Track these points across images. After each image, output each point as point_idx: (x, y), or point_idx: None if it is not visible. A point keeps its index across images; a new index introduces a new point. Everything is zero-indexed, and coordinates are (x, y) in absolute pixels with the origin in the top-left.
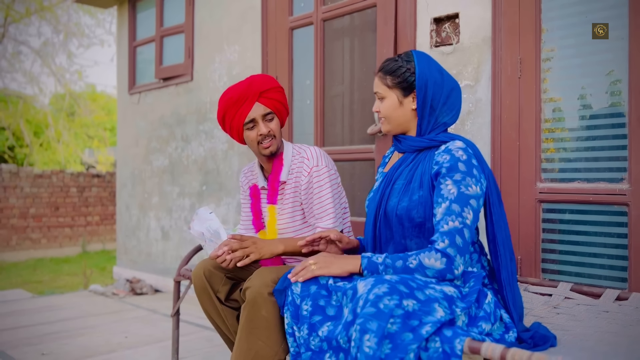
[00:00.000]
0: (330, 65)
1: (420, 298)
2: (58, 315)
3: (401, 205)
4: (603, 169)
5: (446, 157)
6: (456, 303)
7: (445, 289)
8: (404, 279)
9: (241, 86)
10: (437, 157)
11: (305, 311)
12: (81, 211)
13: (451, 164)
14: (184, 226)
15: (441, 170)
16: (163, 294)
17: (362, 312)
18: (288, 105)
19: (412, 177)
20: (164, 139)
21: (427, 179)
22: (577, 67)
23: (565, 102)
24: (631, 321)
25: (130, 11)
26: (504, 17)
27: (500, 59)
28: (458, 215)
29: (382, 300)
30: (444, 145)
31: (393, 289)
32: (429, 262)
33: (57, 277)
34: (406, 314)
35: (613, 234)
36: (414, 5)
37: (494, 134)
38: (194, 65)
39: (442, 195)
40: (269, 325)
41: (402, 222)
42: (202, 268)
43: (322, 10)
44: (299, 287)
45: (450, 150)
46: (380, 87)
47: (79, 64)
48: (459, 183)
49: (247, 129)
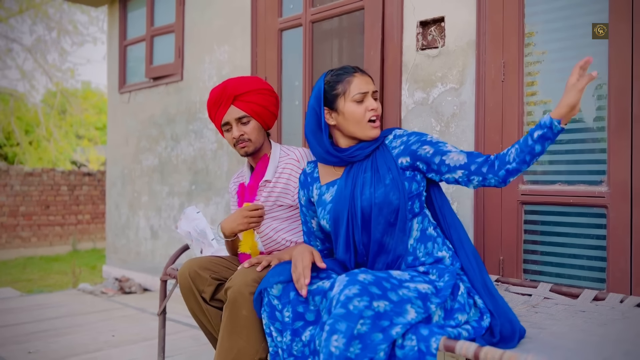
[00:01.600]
0: (318, 67)
1: (393, 299)
2: (46, 313)
3: (378, 192)
4: (583, 172)
5: (403, 138)
6: (431, 299)
7: (419, 287)
8: (378, 279)
9: (217, 89)
10: (391, 145)
11: (287, 318)
12: (72, 209)
13: (416, 136)
14: (173, 225)
15: (411, 146)
16: (152, 292)
17: (333, 313)
18: (277, 105)
19: (377, 167)
20: (154, 138)
21: (392, 163)
22: (559, 71)
23: (548, 105)
24: (606, 320)
25: (121, 10)
26: (488, 22)
27: (485, 63)
28: (455, 147)
29: (351, 302)
30: (390, 135)
31: (364, 290)
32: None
33: (47, 276)
34: (377, 315)
35: (592, 236)
36: (400, 9)
37: (478, 137)
38: (184, 65)
39: (437, 143)
40: (250, 324)
41: (381, 210)
42: (187, 268)
43: (310, 12)
44: (277, 289)
45: (401, 134)
46: (375, 86)
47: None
48: (432, 139)
49: (224, 130)
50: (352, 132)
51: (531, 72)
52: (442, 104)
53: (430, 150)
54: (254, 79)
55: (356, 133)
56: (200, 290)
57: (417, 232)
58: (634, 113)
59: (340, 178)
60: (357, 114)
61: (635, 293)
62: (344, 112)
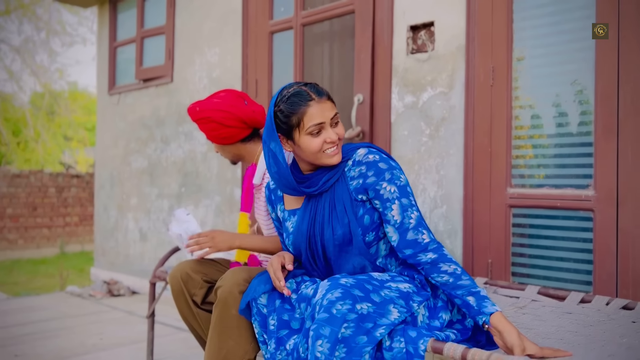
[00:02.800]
0: (309, 69)
1: (376, 300)
2: (33, 316)
3: (336, 234)
4: (570, 176)
5: (361, 168)
6: (413, 298)
7: (400, 286)
8: (360, 282)
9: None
10: (349, 173)
11: (272, 326)
12: (60, 212)
13: (374, 170)
14: (163, 228)
15: (367, 181)
16: (140, 295)
17: (317, 319)
18: (231, 118)
19: (335, 204)
20: (143, 140)
21: (349, 201)
22: (547, 76)
23: (536, 110)
24: (591, 322)
25: (111, 11)
26: (477, 27)
27: (474, 67)
28: (411, 207)
29: (334, 306)
30: (350, 160)
31: (346, 294)
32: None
33: (34, 279)
34: (360, 317)
35: (579, 239)
36: (391, 13)
37: (467, 140)
38: (174, 67)
39: (387, 199)
40: (240, 325)
41: (342, 247)
42: (179, 271)
43: (301, 15)
44: (264, 298)
45: (361, 161)
46: (335, 109)
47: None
48: (392, 180)
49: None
50: (311, 161)
51: (519, 77)
52: (432, 108)
53: (378, 206)
54: (204, 104)
55: (315, 162)
56: (192, 294)
57: (385, 250)
58: (619, 118)
59: (299, 209)
60: (314, 147)
61: (621, 295)
62: (300, 145)
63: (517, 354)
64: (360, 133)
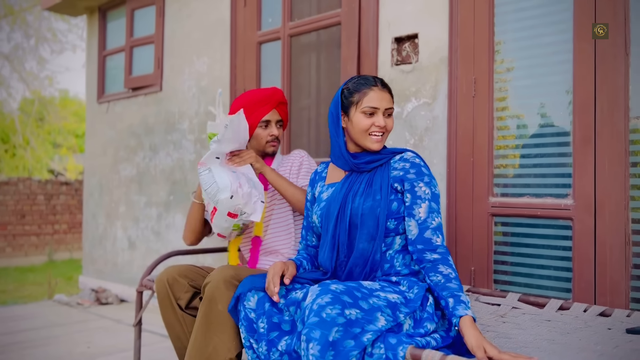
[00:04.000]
0: (297, 79)
1: (364, 307)
2: (20, 325)
3: (366, 204)
4: (550, 185)
5: (406, 164)
6: (400, 309)
7: (389, 296)
8: (349, 288)
9: (267, 92)
10: (394, 164)
11: (262, 329)
12: (48, 219)
13: (417, 170)
14: (151, 236)
15: (408, 176)
16: (129, 303)
17: (307, 322)
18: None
19: (372, 182)
20: (132, 148)
21: (386, 183)
22: (527, 87)
23: (517, 120)
24: (569, 329)
25: (101, 20)
26: (460, 39)
27: (456, 78)
28: (437, 212)
29: (324, 310)
30: (398, 155)
31: (336, 299)
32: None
33: (22, 287)
34: (349, 322)
35: (559, 247)
36: (376, 25)
37: (450, 150)
38: (163, 76)
39: (419, 197)
40: (225, 320)
41: (366, 219)
42: (166, 274)
43: (289, 26)
44: (253, 302)
45: (408, 159)
46: (391, 103)
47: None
48: (429, 185)
49: (262, 127)
50: (356, 140)
51: (501, 88)
52: (416, 118)
53: (407, 201)
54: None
55: (359, 141)
56: (177, 297)
57: (399, 245)
58: (597, 129)
59: (339, 182)
60: (363, 125)
61: (599, 302)
62: (352, 120)
63: (477, 355)
64: None
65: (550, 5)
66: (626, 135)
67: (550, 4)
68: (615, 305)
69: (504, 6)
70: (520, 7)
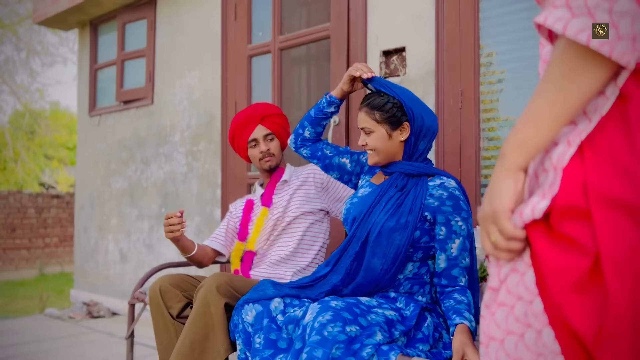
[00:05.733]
0: (287, 92)
1: (363, 324)
2: (11, 339)
3: (387, 224)
4: None
5: (443, 194)
6: (396, 326)
7: (387, 313)
8: (349, 305)
9: (246, 111)
10: (432, 190)
11: (257, 344)
12: (39, 232)
13: (454, 203)
14: (143, 248)
15: (443, 208)
16: (121, 316)
17: (309, 341)
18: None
19: (403, 202)
20: (124, 161)
21: (418, 207)
22: (514, 99)
23: (503, 130)
24: None
25: (92, 34)
26: (446, 52)
27: (443, 91)
28: (469, 252)
29: (325, 328)
30: (438, 180)
31: (336, 316)
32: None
33: (12, 301)
34: (349, 339)
35: None
36: (364, 39)
37: (438, 161)
38: (155, 89)
39: (454, 232)
40: (215, 324)
41: (380, 240)
42: (159, 283)
43: (279, 39)
44: (250, 316)
45: (447, 187)
46: (368, 122)
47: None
48: (466, 221)
49: (250, 147)
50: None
51: (487, 100)
52: None
53: (442, 234)
54: (274, 105)
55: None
56: (168, 306)
57: (410, 272)
58: None
59: (376, 186)
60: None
61: None
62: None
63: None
64: None
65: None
66: None
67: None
68: None
69: (489, 20)
70: (505, 20)
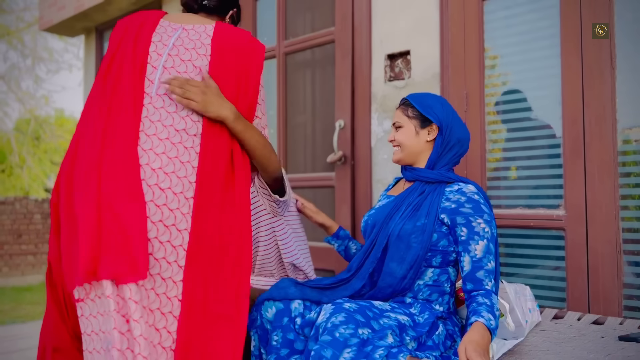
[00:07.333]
0: (292, 96)
1: (375, 327)
2: (18, 345)
3: (405, 227)
4: (542, 196)
5: (461, 198)
6: (407, 332)
7: (399, 317)
8: (362, 307)
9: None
10: (449, 194)
11: (275, 342)
12: (45, 238)
13: (473, 205)
14: None
15: (461, 209)
16: None
17: (320, 339)
18: None
19: (420, 206)
20: None
21: (435, 210)
22: (517, 101)
23: (508, 133)
24: (563, 339)
25: (98, 40)
26: (451, 55)
27: (448, 94)
28: (493, 256)
29: (337, 329)
30: (456, 185)
31: (349, 318)
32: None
33: (18, 307)
34: (362, 342)
35: (552, 257)
36: (369, 42)
37: None
38: None
39: (477, 233)
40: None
41: (398, 244)
42: None
43: (284, 44)
44: (270, 313)
45: (465, 192)
46: (400, 117)
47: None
48: (489, 224)
49: None
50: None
51: (492, 103)
52: None
53: (464, 235)
54: None
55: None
56: None
57: (430, 279)
58: (585, 141)
59: (394, 196)
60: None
61: (592, 311)
62: None
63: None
64: (342, 157)
65: (539, 21)
66: (614, 146)
67: (539, 20)
68: (609, 313)
69: (494, 22)
70: (509, 23)
